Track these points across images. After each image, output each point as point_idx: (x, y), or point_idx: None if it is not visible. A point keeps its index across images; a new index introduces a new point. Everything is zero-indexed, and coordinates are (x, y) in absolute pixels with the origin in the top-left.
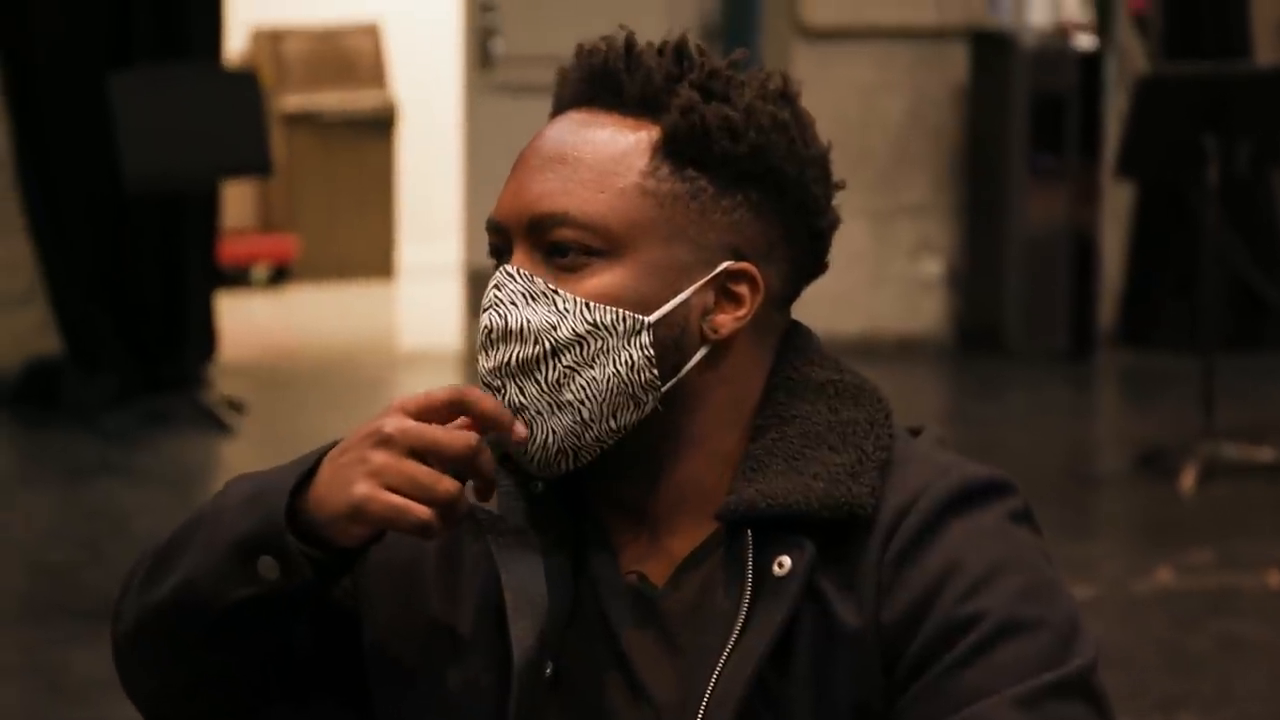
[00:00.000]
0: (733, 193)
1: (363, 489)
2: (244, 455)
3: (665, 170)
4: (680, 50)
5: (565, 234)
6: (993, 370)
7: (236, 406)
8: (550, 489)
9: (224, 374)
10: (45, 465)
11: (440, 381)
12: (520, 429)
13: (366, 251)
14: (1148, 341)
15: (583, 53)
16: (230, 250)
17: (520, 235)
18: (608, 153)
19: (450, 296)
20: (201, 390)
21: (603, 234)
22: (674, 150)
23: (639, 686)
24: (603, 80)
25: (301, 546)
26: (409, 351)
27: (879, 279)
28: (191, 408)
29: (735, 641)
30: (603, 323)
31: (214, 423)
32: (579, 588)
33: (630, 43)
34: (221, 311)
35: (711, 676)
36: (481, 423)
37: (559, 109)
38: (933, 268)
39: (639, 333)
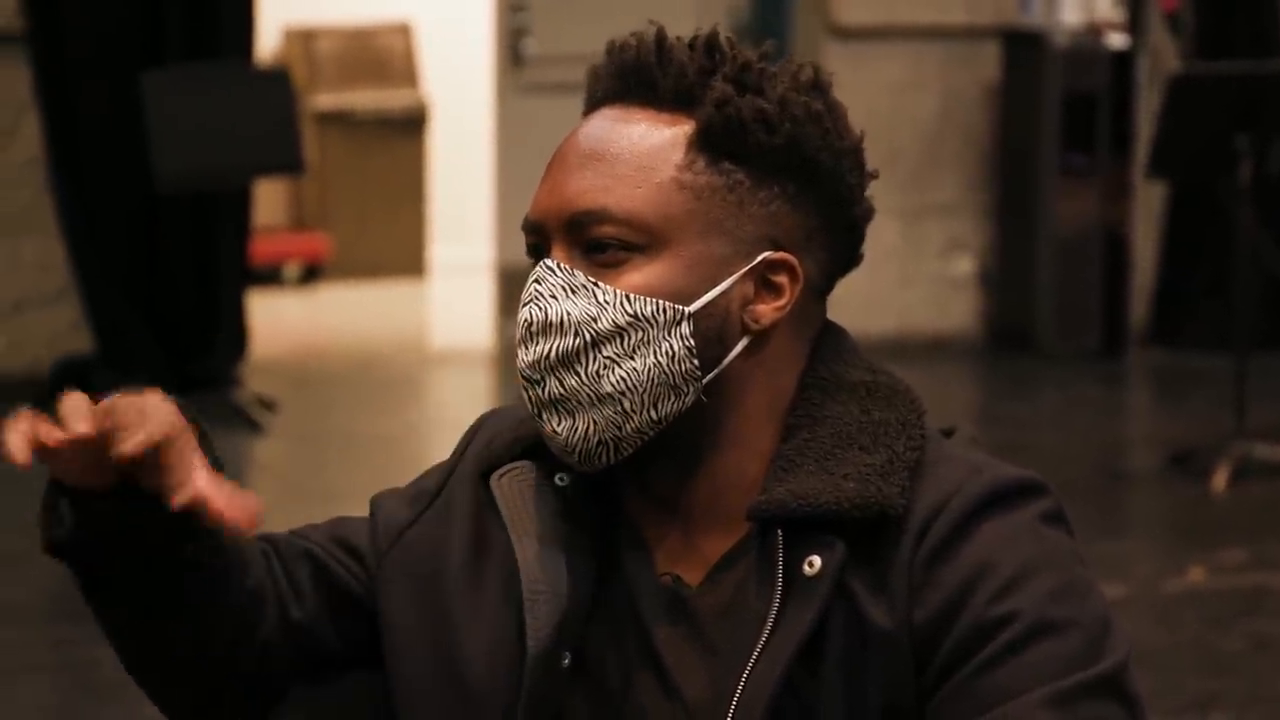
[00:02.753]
0: (769, 184)
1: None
2: (275, 454)
3: (701, 164)
4: (712, 44)
5: (605, 230)
6: (1024, 370)
7: (268, 405)
8: (576, 484)
9: (255, 372)
10: None
11: (472, 380)
12: (127, 446)
13: (398, 250)
14: (1179, 341)
15: (614, 49)
16: (262, 249)
17: (559, 233)
18: (644, 148)
19: (481, 295)
20: (233, 389)
21: (642, 229)
22: (710, 143)
23: (671, 685)
24: (635, 76)
25: (59, 494)
26: (440, 350)
27: (910, 278)
28: (223, 406)
29: (765, 641)
30: (643, 314)
31: (246, 421)
32: (612, 586)
33: (661, 37)
34: (253, 310)
35: (742, 676)
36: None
37: (592, 106)
38: (964, 267)
39: (679, 323)
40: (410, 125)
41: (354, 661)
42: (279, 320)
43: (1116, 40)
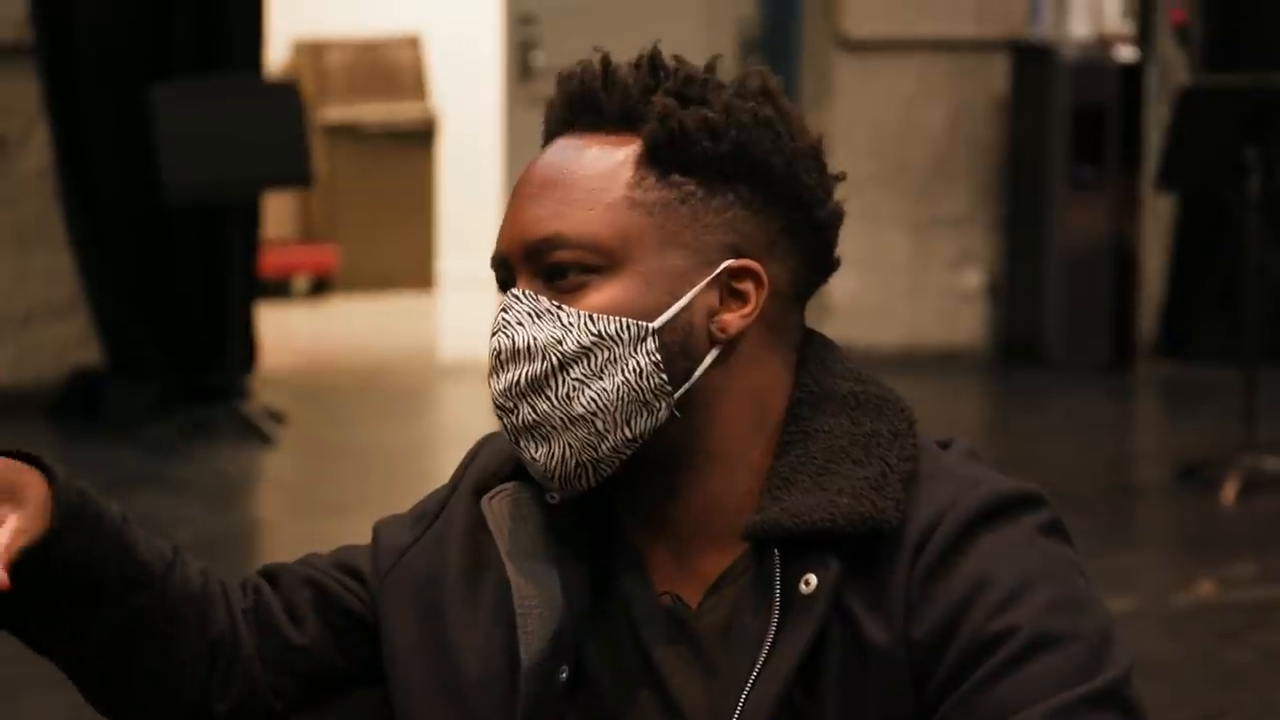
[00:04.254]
0: (723, 192)
1: None
2: (284, 466)
3: (651, 179)
4: (655, 62)
5: (562, 255)
6: (1033, 382)
7: (277, 417)
8: (566, 500)
9: (264, 385)
10: (86, 476)
11: (480, 392)
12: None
13: (406, 262)
14: (1189, 353)
15: (562, 79)
16: (271, 261)
17: (521, 263)
18: (594, 171)
19: (490, 308)
20: (242, 401)
21: (597, 250)
22: (657, 158)
23: (672, 706)
24: (582, 103)
25: None
26: (449, 363)
27: (919, 290)
28: (232, 418)
29: (763, 662)
30: (607, 333)
31: (254, 433)
32: (611, 606)
33: (606, 62)
34: (262, 322)
35: (740, 696)
36: None
37: (548, 139)
38: (973, 279)
39: (644, 339)
40: (419, 138)
41: (363, 679)
42: (287, 332)
43: (1125, 53)
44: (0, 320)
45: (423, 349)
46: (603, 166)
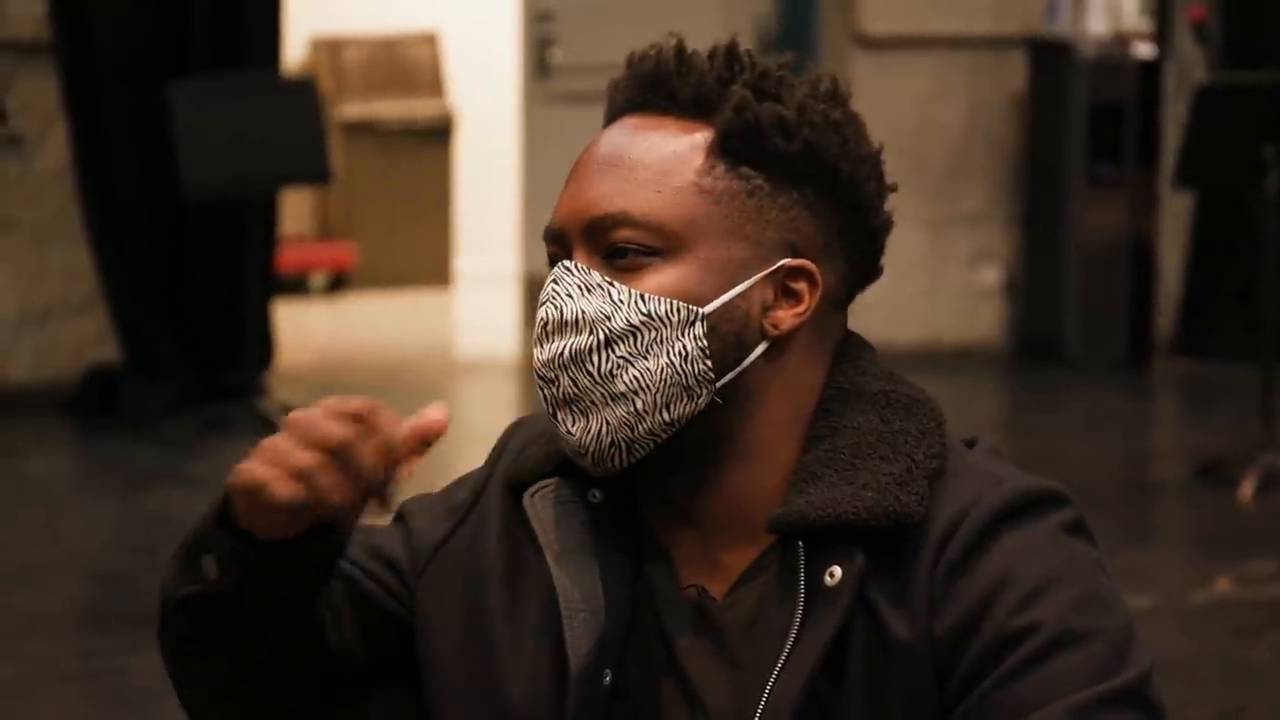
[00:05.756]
0: (788, 190)
1: (239, 466)
2: None
3: (721, 169)
4: (731, 53)
5: (624, 234)
6: (1051, 380)
7: None
8: (609, 499)
9: (282, 382)
10: (104, 473)
11: (497, 389)
12: (407, 467)
13: (424, 260)
14: (1207, 351)
15: (634, 60)
16: (288, 258)
17: (579, 239)
18: (663, 153)
19: (507, 305)
20: (259, 398)
21: (660, 233)
22: (729, 148)
23: (695, 699)
24: (655, 85)
25: (232, 544)
26: (466, 360)
27: (937, 288)
28: (249, 415)
29: (788, 654)
30: (657, 313)
31: (272, 431)
32: (638, 600)
33: (681, 47)
34: (279, 319)
35: (765, 689)
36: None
37: (612, 117)
38: (990, 277)
39: (693, 324)
40: (436, 135)
41: (379, 683)
42: (305, 329)
43: (1143, 50)
44: (19, 317)
45: (440, 346)
46: (672, 150)
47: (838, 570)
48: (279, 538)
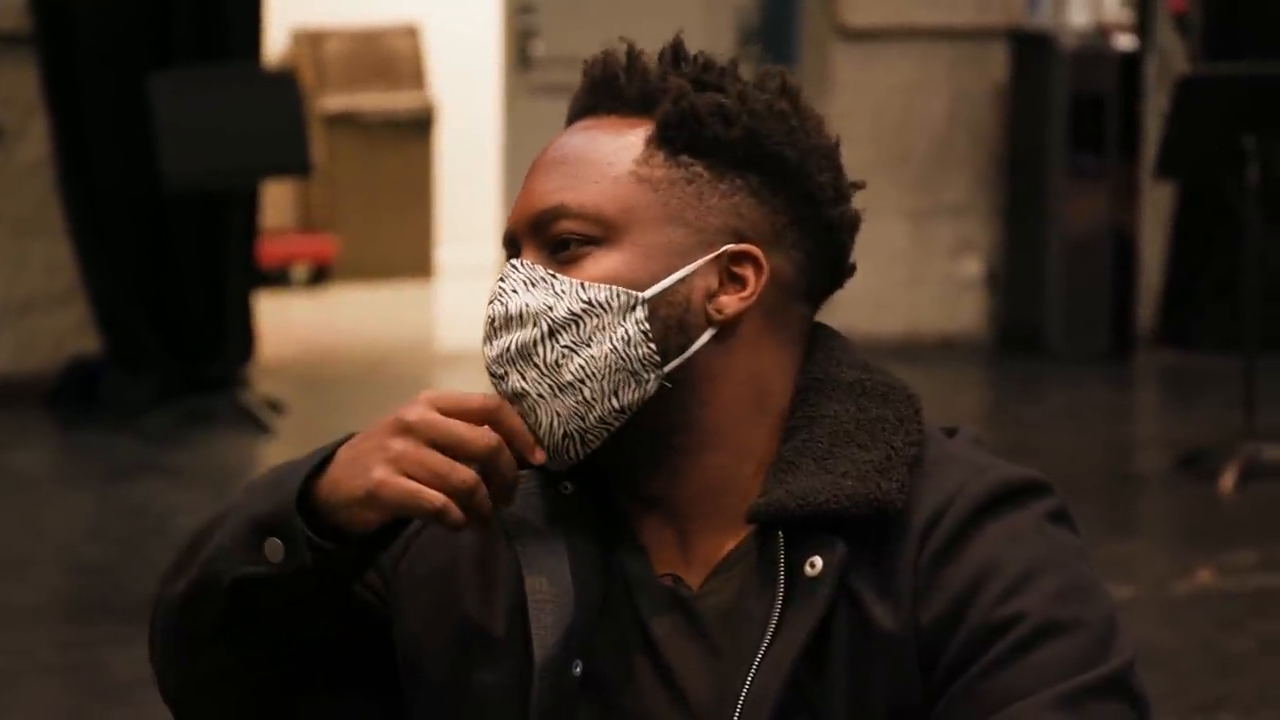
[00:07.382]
0: (731, 177)
1: (379, 474)
2: (283, 455)
3: (659, 157)
4: (677, 50)
5: (564, 225)
6: (1032, 371)
7: (276, 407)
8: (579, 490)
9: (263, 374)
10: (85, 465)
11: (479, 381)
12: (539, 454)
13: (406, 252)
14: (1188, 342)
15: (588, 66)
16: (270, 250)
17: (527, 238)
18: (604, 148)
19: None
20: (241, 390)
21: (599, 221)
22: (667, 137)
23: (675, 688)
24: (604, 86)
25: (307, 531)
26: (448, 352)
27: (918, 279)
28: (231, 408)
29: (769, 643)
30: (597, 300)
31: (253, 423)
32: (612, 590)
33: (631, 50)
34: (261, 311)
35: (746, 678)
36: (506, 438)
37: (569, 123)
38: (972, 268)
39: (633, 308)
40: (418, 127)
41: (350, 683)
42: (287, 322)
43: (1124, 41)
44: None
45: (422, 338)
46: (613, 144)
47: (819, 560)
48: (362, 531)
